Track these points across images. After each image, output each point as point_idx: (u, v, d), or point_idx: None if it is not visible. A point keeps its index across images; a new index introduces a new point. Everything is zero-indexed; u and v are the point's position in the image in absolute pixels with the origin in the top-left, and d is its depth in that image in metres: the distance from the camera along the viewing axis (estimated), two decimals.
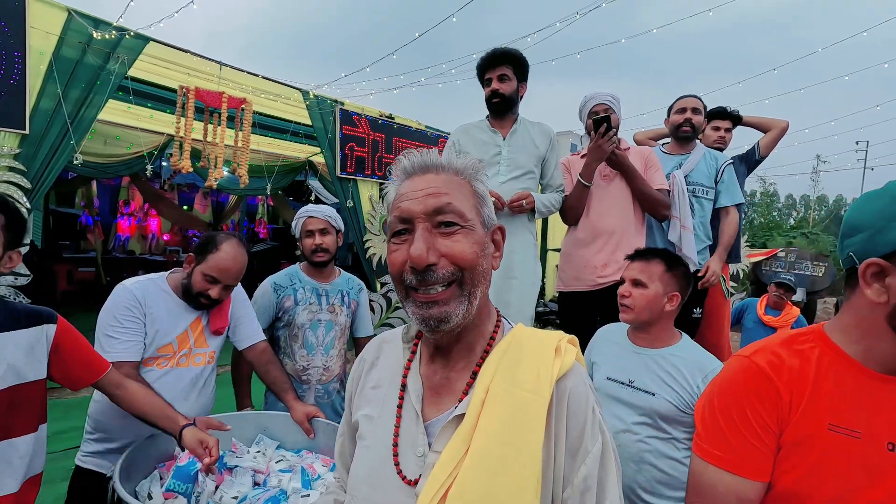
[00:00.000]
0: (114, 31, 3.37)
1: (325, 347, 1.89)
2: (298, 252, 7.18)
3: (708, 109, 2.85)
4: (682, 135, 2.56)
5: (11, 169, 3.04)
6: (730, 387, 0.86)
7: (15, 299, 3.09)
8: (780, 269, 10.01)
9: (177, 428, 1.26)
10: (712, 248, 2.56)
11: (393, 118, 5.46)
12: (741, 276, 8.73)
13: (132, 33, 3.46)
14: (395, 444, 0.73)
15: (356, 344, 2.08)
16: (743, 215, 2.86)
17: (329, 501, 0.89)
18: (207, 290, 1.45)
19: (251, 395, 1.87)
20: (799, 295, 9.55)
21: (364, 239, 5.25)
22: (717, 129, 2.98)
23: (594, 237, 2.31)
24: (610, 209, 2.31)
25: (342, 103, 4.97)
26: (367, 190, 5.28)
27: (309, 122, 4.88)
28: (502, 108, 2.24)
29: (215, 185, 4.24)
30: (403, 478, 0.70)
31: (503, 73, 2.20)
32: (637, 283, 1.50)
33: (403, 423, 0.74)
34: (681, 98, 2.60)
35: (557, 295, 2.53)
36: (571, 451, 0.67)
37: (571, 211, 2.36)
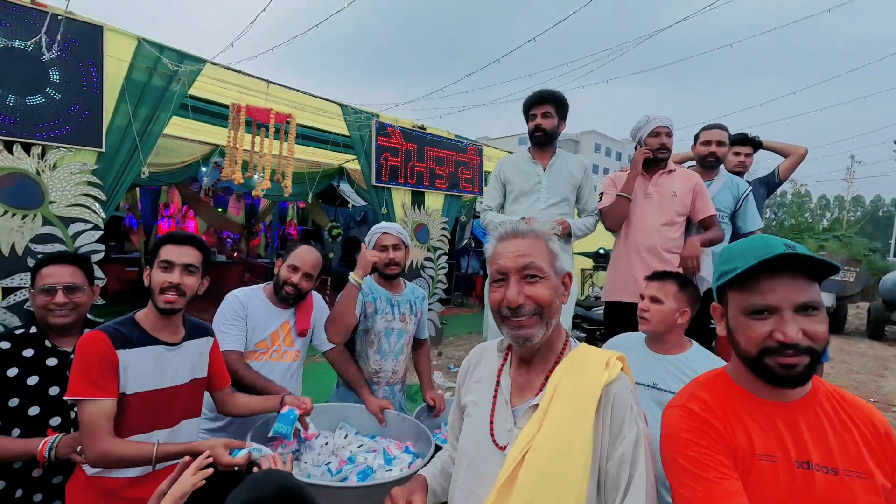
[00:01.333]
0: (171, 61, 3.70)
1: (395, 353, 2.10)
2: (329, 255, 7.44)
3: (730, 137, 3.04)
4: (707, 164, 2.75)
5: (90, 183, 3.38)
6: (676, 433, 0.97)
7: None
8: None
9: (278, 400, 1.60)
10: None
11: (424, 128, 5.71)
12: None
13: (200, 66, 3.78)
14: (492, 422, 1.05)
15: (415, 345, 2.30)
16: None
17: (446, 457, 1.24)
18: (291, 278, 1.79)
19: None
20: (828, 300, 9.46)
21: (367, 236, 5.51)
22: (737, 154, 3.11)
23: (636, 252, 2.47)
24: (649, 228, 2.45)
25: (378, 115, 5.24)
26: (400, 197, 5.54)
27: (345, 132, 5.17)
28: (544, 142, 2.50)
29: (262, 194, 4.55)
30: (496, 444, 1.01)
31: (547, 110, 2.46)
32: (654, 300, 1.76)
33: (497, 407, 1.06)
34: (708, 129, 2.75)
35: (604, 304, 2.73)
36: (613, 435, 0.93)
37: (612, 219, 2.52)
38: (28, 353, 1.45)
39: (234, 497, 0.93)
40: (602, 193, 2.66)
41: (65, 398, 1.30)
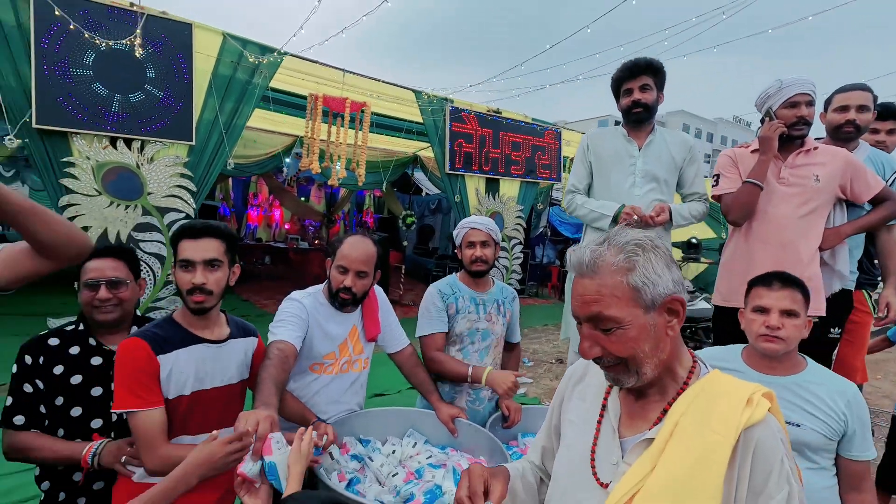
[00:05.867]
0: (254, 53, 3.80)
1: (479, 354, 1.94)
2: (404, 243, 7.48)
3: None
4: (843, 136, 2.19)
5: (182, 175, 3.58)
6: None
7: None
8: None
9: (311, 418, 1.50)
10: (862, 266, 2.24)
11: (500, 112, 5.49)
12: None
13: (278, 53, 3.87)
14: (593, 451, 0.88)
15: (506, 347, 2.13)
16: None
17: (528, 465, 1.10)
18: (343, 282, 1.58)
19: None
20: None
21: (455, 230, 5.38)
22: (876, 131, 2.46)
23: (763, 250, 2.03)
24: (785, 219, 1.99)
25: (452, 101, 5.11)
26: (473, 184, 5.40)
27: (419, 119, 5.10)
28: (644, 118, 2.18)
29: (338, 183, 4.61)
30: (598, 479, 0.85)
31: (645, 82, 2.14)
32: (790, 314, 1.41)
33: (601, 435, 0.89)
34: (843, 91, 2.21)
35: (713, 307, 2.28)
36: (755, 492, 0.73)
37: (738, 210, 2.05)
38: (74, 350, 1.39)
39: None
40: (717, 176, 2.18)
41: (112, 411, 1.29)
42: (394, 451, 1.54)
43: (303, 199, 12.18)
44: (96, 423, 1.41)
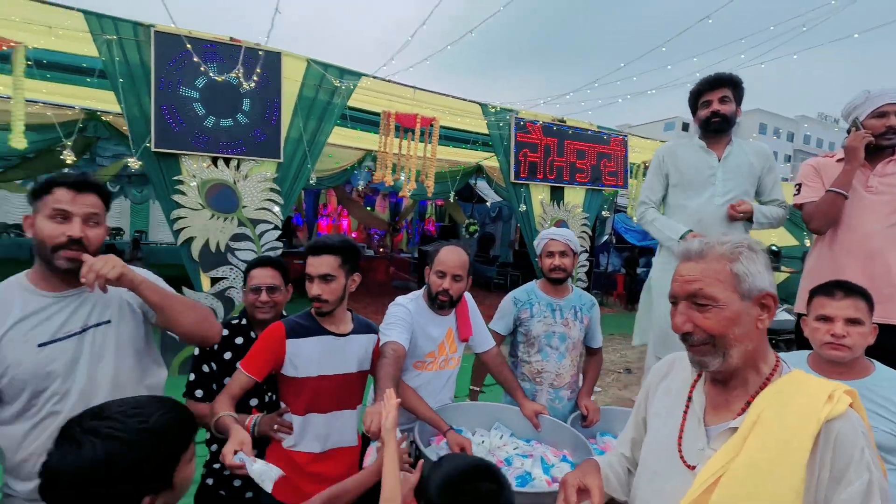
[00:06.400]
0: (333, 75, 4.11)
1: (558, 356, 2.08)
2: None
3: None
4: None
5: (272, 189, 3.94)
6: None
7: None
8: None
9: (443, 428, 1.67)
10: None
11: (565, 122, 5.53)
12: None
13: (356, 79, 4.16)
14: (680, 438, 0.97)
15: (587, 352, 2.26)
16: None
17: (614, 457, 1.20)
18: (441, 285, 1.77)
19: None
20: None
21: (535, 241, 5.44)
22: None
23: (849, 259, 2.01)
24: (873, 229, 1.97)
25: (517, 112, 5.22)
26: (538, 193, 5.46)
27: (484, 131, 5.24)
28: (723, 128, 2.20)
29: (408, 194, 4.84)
30: (685, 461, 0.94)
31: (724, 94, 2.17)
32: (854, 322, 1.44)
33: (687, 424, 0.98)
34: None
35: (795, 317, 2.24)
36: (834, 479, 0.79)
37: (820, 219, 2.06)
38: (238, 340, 1.73)
39: (434, 471, 1.05)
40: (799, 185, 2.18)
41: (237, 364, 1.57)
42: (483, 442, 1.67)
43: (368, 208, 12.70)
44: (254, 402, 1.71)
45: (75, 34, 3.33)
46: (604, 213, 7.54)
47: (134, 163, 3.51)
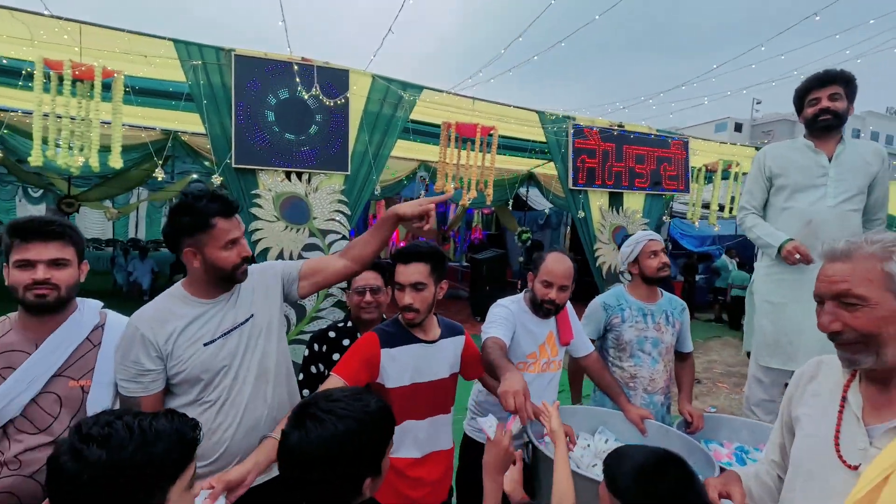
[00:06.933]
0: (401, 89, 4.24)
1: (651, 361, 2.07)
2: (521, 260, 7.56)
3: None
4: None
5: (340, 201, 4.09)
6: None
7: (341, 298, 4.16)
8: None
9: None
10: None
11: (623, 126, 5.45)
12: None
13: (427, 89, 4.28)
14: (837, 438, 0.95)
15: (679, 357, 2.23)
16: None
17: (760, 466, 1.19)
18: (548, 295, 1.78)
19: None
20: None
21: (594, 248, 5.36)
22: None
23: None
24: None
25: (574, 118, 5.19)
26: (597, 200, 5.38)
27: (541, 139, 5.24)
28: (833, 126, 2.13)
29: (468, 203, 4.90)
30: (844, 461, 0.92)
31: (835, 91, 2.10)
32: None
33: (844, 423, 0.96)
34: None
35: None
36: None
37: None
38: (346, 342, 1.82)
39: (619, 464, 1.08)
40: None
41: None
42: (588, 446, 1.67)
43: None
44: None
45: (165, 61, 3.61)
46: (664, 217, 7.34)
47: (216, 178, 3.73)
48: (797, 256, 2.04)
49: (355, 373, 1.51)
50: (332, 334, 1.82)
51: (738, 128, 46.06)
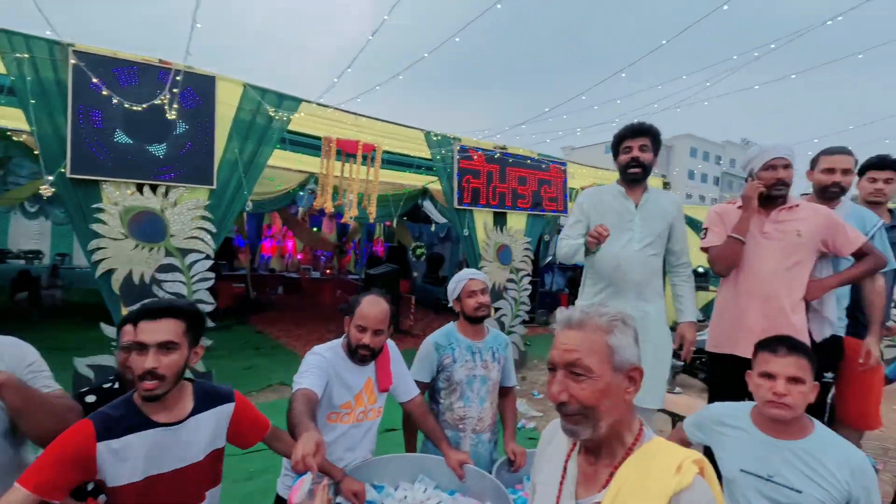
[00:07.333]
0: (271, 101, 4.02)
1: (479, 400, 2.06)
2: (416, 274, 7.61)
3: (864, 161, 2.59)
4: (829, 195, 2.35)
5: (203, 217, 3.75)
6: None
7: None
8: None
9: (338, 476, 1.58)
10: (849, 311, 2.35)
11: (506, 149, 5.67)
12: None
13: (296, 105, 4.08)
14: None
15: (502, 392, 2.22)
16: (893, 283, 2.46)
17: None
18: (361, 340, 1.71)
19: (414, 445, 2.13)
20: None
21: (480, 266, 5.49)
22: (873, 180, 2.57)
23: (749, 299, 2.13)
24: (769, 272, 2.10)
25: (459, 139, 5.31)
26: (482, 219, 5.53)
27: (429, 156, 5.28)
28: (640, 177, 2.31)
29: (350, 220, 4.77)
30: None
31: (644, 143, 2.28)
32: (796, 380, 1.42)
33: (563, 496, 0.99)
34: (831, 153, 2.36)
35: (708, 356, 2.38)
36: None
37: (721, 263, 2.21)
38: None
39: None
40: (706, 230, 2.33)
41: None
42: (405, 497, 1.62)
43: (315, 229, 12.43)
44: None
45: None
46: (545, 236, 7.75)
47: (46, 190, 3.24)
48: (595, 237, 2.13)
49: (51, 479, 1.14)
50: (90, 399, 1.52)
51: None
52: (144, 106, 3.48)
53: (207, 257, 3.78)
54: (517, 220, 5.84)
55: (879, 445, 3.93)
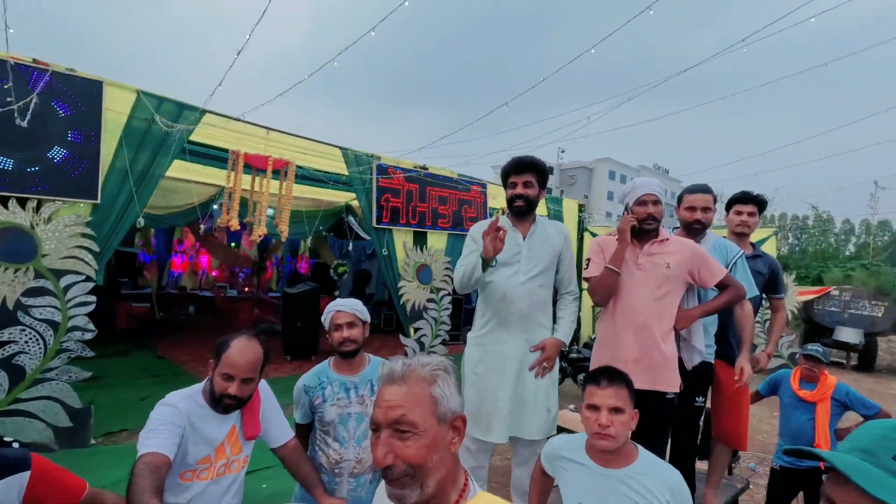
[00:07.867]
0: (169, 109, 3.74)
1: (356, 440, 1.92)
2: (337, 294, 7.38)
3: (730, 196, 2.86)
4: (692, 231, 2.54)
5: (84, 235, 3.38)
6: None
7: (82, 353, 3.39)
8: (834, 309, 9.48)
9: None
10: (719, 338, 2.53)
11: (427, 168, 5.68)
12: (790, 317, 8.30)
13: (197, 115, 3.82)
14: None
15: None
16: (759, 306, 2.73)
17: None
18: (227, 389, 1.52)
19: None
20: (855, 338, 8.99)
21: (398, 286, 5.41)
22: (739, 213, 2.83)
23: (624, 330, 2.20)
24: (642, 302, 2.18)
25: (379, 157, 5.24)
26: (401, 238, 5.48)
27: (346, 172, 5.16)
28: (524, 211, 2.34)
29: (258, 240, 4.53)
30: None
31: (528, 179, 2.30)
32: (617, 410, 1.49)
33: None
34: (691, 193, 2.55)
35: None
36: None
37: (599, 294, 2.27)
38: None
39: None
40: (588, 260, 2.39)
41: None
42: None
43: (233, 244, 11.74)
44: None
45: None
46: None
47: None
48: (491, 232, 2.11)
49: None
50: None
51: (550, 170, 53.40)
52: (14, 105, 3.09)
53: (88, 279, 3.40)
54: (437, 240, 5.85)
55: (757, 453, 4.28)
